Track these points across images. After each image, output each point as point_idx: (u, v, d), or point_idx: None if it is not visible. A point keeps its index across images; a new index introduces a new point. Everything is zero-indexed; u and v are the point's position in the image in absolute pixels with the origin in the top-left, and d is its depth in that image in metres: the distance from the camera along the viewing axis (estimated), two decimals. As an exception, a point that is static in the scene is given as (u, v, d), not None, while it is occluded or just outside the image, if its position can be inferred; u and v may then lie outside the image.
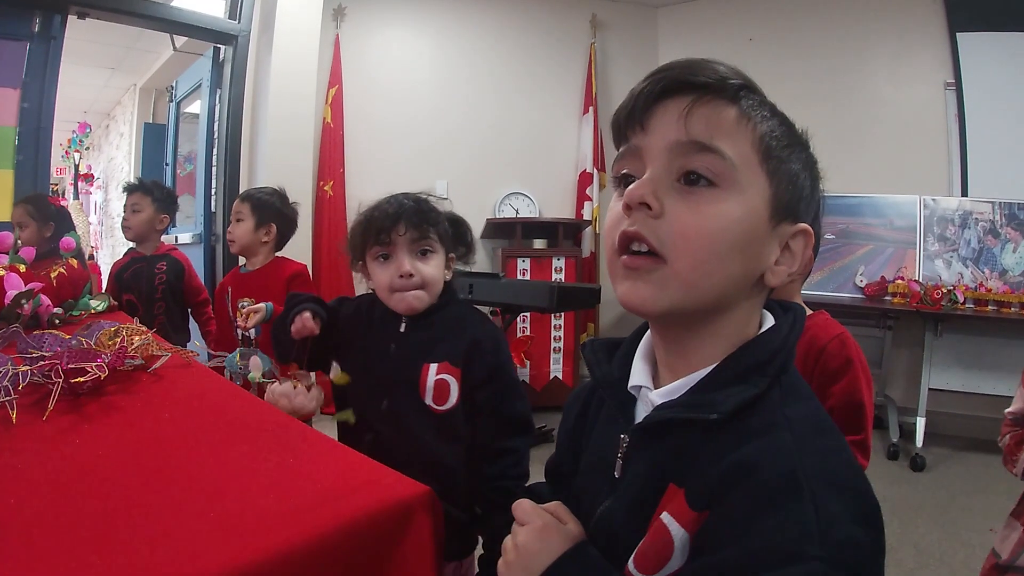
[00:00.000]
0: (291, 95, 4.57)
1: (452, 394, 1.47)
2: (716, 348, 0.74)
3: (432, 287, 1.51)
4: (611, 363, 0.87)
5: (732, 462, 0.65)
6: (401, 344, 1.52)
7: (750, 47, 5.54)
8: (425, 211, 1.52)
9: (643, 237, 0.70)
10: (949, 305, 4.34)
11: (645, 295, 0.71)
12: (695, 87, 0.72)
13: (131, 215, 3.08)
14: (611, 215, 0.76)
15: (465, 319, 1.58)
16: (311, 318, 1.49)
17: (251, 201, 2.65)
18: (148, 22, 4.39)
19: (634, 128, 0.75)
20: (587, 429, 0.92)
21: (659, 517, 0.69)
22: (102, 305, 2.62)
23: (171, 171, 6.01)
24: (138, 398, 1.35)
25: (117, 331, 1.60)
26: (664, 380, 0.79)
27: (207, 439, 1.11)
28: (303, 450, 1.06)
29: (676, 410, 0.72)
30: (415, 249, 1.50)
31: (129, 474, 0.94)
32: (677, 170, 0.71)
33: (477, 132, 5.55)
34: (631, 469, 0.78)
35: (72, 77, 6.94)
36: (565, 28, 5.81)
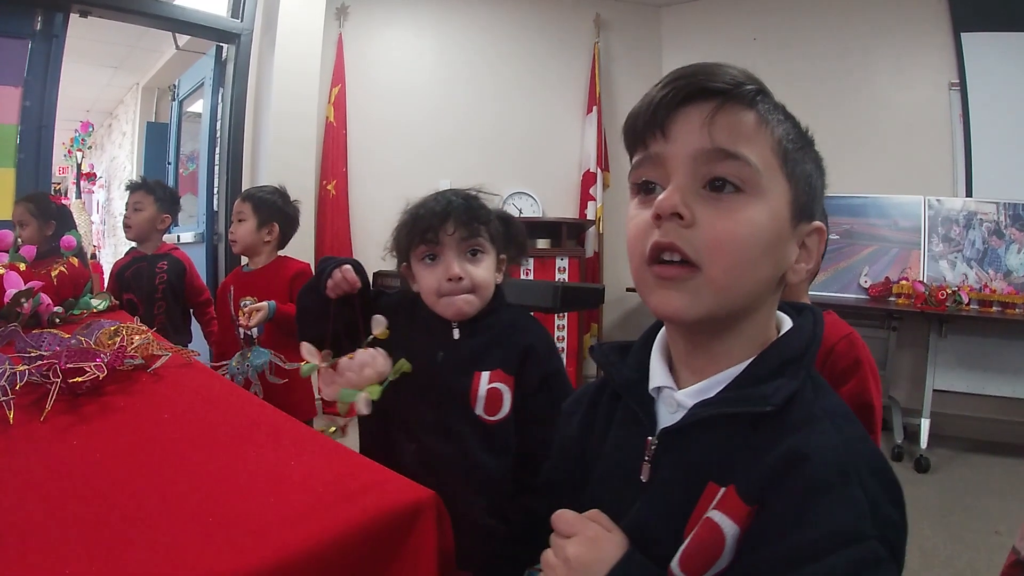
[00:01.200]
0: (294, 94, 4.55)
1: (505, 404, 1.39)
2: (742, 348, 0.76)
3: (482, 291, 1.41)
4: (626, 366, 0.86)
5: (783, 453, 0.66)
6: (451, 351, 1.41)
7: (754, 47, 5.51)
8: (475, 209, 1.41)
9: (678, 247, 0.71)
10: (954, 306, 4.31)
11: (680, 304, 0.72)
12: (713, 93, 0.72)
13: (132, 214, 3.06)
14: (636, 225, 0.75)
15: (517, 324, 1.48)
16: (352, 270, 1.42)
17: (252, 200, 2.63)
18: (150, 20, 4.37)
19: (654, 135, 0.74)
20: (596, 434, 0.90)
21: (707, 516, 0.69)
22: (103, 304, 2.61)
23: (173, 170, 6.00)
24: (137, 398, 1.33)
25: (117, 330, 1.58)
26: (686, 381, 0.79)
27: (207, 440, 1.09)
28: (304, 451, 1.03)
29: (720, 406, 0.73)
30: (464, 250, 1.40)
31: (127, 477, 0.92)
32: (702, 177, 0.72)
33: (480, 131, 5.52)
34: (661, 472, 0.77)
35: (75, 76, 6.93)
36: (569, 27, 5.78)
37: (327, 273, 1.41)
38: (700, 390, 0.76)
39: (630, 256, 0.77)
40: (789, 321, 0.80)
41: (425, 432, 1.38)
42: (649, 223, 0.73)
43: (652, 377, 0.82)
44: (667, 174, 0.73)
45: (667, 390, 0.80)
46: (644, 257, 0.74)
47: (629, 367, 0.86)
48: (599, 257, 5.67)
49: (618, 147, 5.82)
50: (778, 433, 0.68)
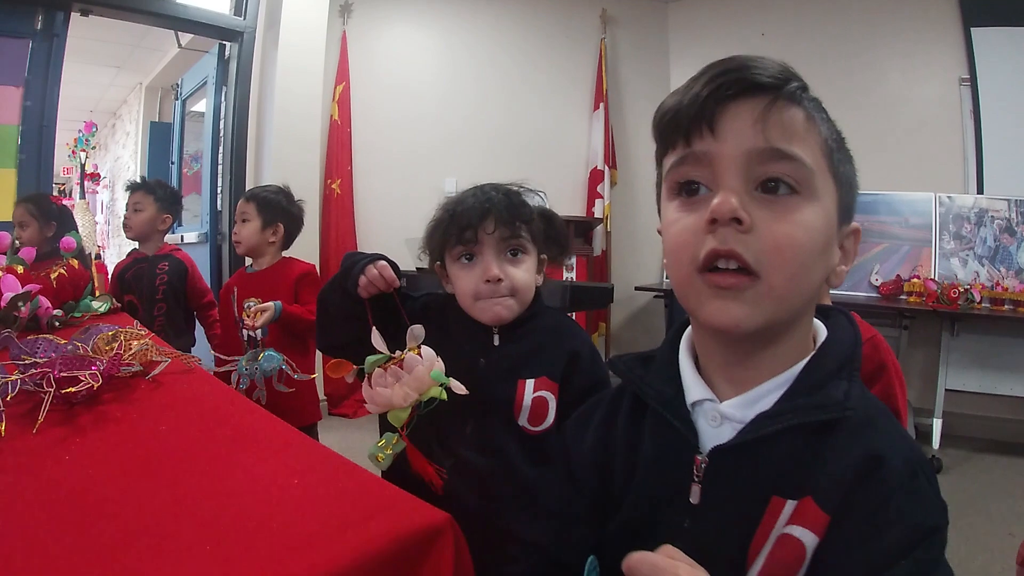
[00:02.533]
0: (297, 92, 4.52)
1: (550, 413, 1.30)
2: (786, 355, 0.73)
3: (523, 294, 1.33)
4: (657, 379, 0.81)
5: (861, 457, 0.65)
6: (492, 358, 1.33)
7: (762, 42, 5.45)
8: (516, 206, 1.33)
9: (737, 255, 0.66)
10: (966, 304, 4.26)
11: (740, 315, 0.68)
12: (762, 88, 0.68)
13: (132, 214, 3.02)
14: (682, 230, 0.71)
15: (561, 328, 1.40)
16: (388, 267, 1.32)
17: (256, 201, 2.59)
18: (152, 19, 4.33)
19: (700, 132, 0.69)
20: (620, 455, 0.83)
21: (784, 532, 0.66)
22: (104, 306, 2.57)
23: (177, 170, 5.96)
24: (135, 407, 1.27)
25: (115, 335, 1.53)
26: (724, 392, 0.75)
27: (205, 456, 1.03)
28: (312, 469, 0.97)
29: (790, 417, 0.69)
30: (504, 250, 1.32)
31: (120, 496, 0.86)
32: (755, 179, 0.68)
33: (486, 129, 5.46)
34: (715, 492, 0.72)
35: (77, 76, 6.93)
36: (575, 23, 5.72)
37: (358, 269, 1.32)
38: (747, 402, 0.72)
39: (674, 264, 0.72)
40: (820, 324, 0.78)
41: (465, 446, 1.29)
42: (699, 228, 0.68)
43: (689, 390, 0.77)
44: (715, 174, 0.69)
45: (708, 403, 0.75)
46: (696, 265, 0.69)
47: (661, 380, 0.80)
48: (607, 255, 5.61)
49: (626, 144, 5.89)
50: (847, 437, 0.67)
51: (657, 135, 0.76)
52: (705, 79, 0.69)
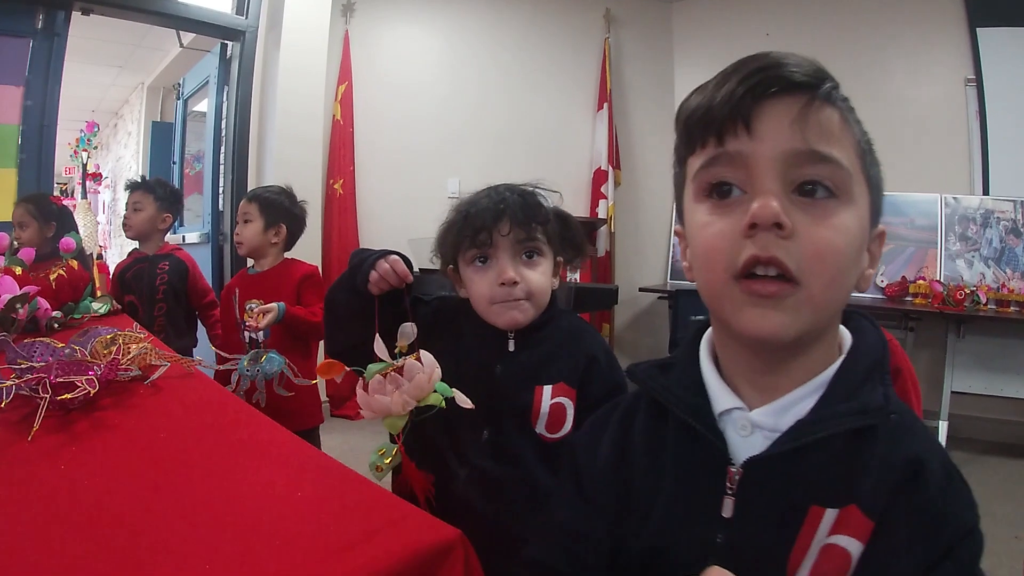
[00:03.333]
0: (300, 92, 4.50)
1: (568, 419, 1.25)
2: (817, 361, 0.71)
3: (539, 297, 1.29)
4: (681, 388, 0.77)
5: (904, 460, 0.65)
6: (509, 364, 1.29)
7: (766, 43, 5.40)
8: (532, 207, 1.28)
9: (779, 261, 0.63)
10: (972, 306, 4.24)
11: (779, 324, 0.65)
12: (798, 87, 0.65)
13: (132, 213, 2.99)
14: (716, 234, 0.67)
15: (577, 332, 1.36)
16: (401, 261, 1.27)
17: (259, 201, 2.55)
18: (153, 18, 4.32)
19: (735, 131, 0.66)
20: (640, 468, 0.80)
21: (829, 542, 0.64)
22: (104, 308, 2.54)
23: (179, 170, 5.94)
24: (133, 413, 1.24)
25: (114, 338, 1.50)
26: (752, 400, 0.72)
27: (205, 466, 0.99)
28: (315, 481, 0.94)
29: (833, 424, 0.66)
30: (519, 252, 1.27)
31: (117, 508, 0.83)
32: (792, 181, 0.65)
33: (489, 129, 5.43)
34: (750, 505, 0.69)
35: (79, 76, 6.92)
36: (578, 23, 5.69)
37: (369, 264, 1.28)
38: (778, 410, 0.70)
39: (707, 270, 0.69)
40: (843, 328, 0.76)
41: (481, 454, 1.25)
42: (735, 233, 0.65)
43: (716, 399, 0.74)
44: (750, 176, 0.66)
45: (737, 412, 0.72)
46: (732, 271, 0.66)
47: (685, 389, 0.77)
48: (611, 256, 5.57)
49: (629, 144, 5.86)
50: (888, 441, 0.66)
51: (683, 133, 0.72)
52: (740, 76, 0.66)
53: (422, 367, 1.07)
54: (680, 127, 0.72)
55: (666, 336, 5.04)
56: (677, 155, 0.76)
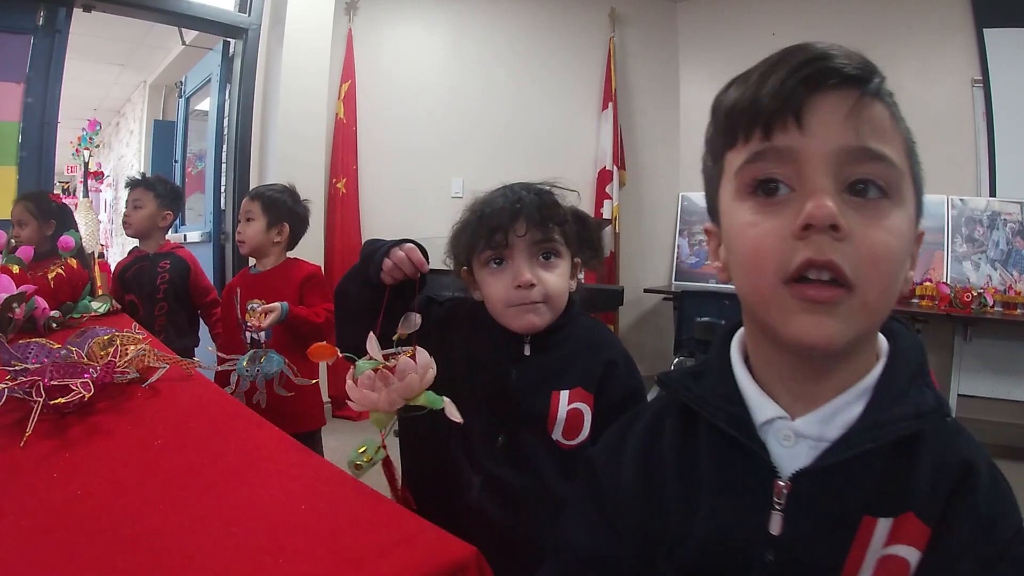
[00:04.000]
0: (302, 90, 4.46)
1: (585, 425, 1.21)
2: (859, 367, 0.67)
3: (556, 300, 1.24)
4: (719, 397, 0.73)
5: (956, 463, 0.63)
6: (525, 369, 1.24)
7: (773, 42, 5.34)
8: (549, 206, 1.23)
9: (836, 265, 0.59)
10: (979, 308, 4.20)
11: (833, 332, 0.60)
12: (849, 80, 0.61)
13: (132, 211, 2.96)
14: (764, 235, 0.63)
15: (596, 336, 1.32)
16: (417, 250, 1.21)
17: (262, 200, 2.51)
18: (155, 15, 4.29)
19: (784, 126, 0.61)
20: (670, 484, 0.74)
21: (888, 553, 0.62)
22: (103, 307, 2.50)
23: (180, 168, 5.91)
24: (129, 418, 1.19)
25: (111, 339, 1.45)
26: (792, 408, 0.67)
27: (204, 476, 0.94)
28: (321, 493, 0.89)
29: (891, 429, 0.63)
30: (536, 253, 1.22)
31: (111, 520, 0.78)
32: (844, 180, 0.60)
33: (493, 128, 5.39)
34: (801, 520, 0.64)
35: (81, 74, 6.91)
36: (583, 22, 5.66)
37: (382, 253, 1.22)
38: (823, 418, 0.66)
39: (753, 273, 0.64)
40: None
41: (495, 461, 1.21)
42: (785, 234, 0.61)
43: (757, 408, 0.69)
44: (800, 173, 0.61)
45: (780, 421, 0.68)
46: (783, 275, 0.61)
47: (723, 399, 0.72)
48: (615, 257, 5.54)
49: (634, 144, 5.83)
50: (939, 445, 0.65)
51: (723, 126, 0.68)
52: (789, 66, 0.61)
53: (415, 367, 1.02)
54: (719, 119, 0.68)
55: (671, 337, 5.01)
56: (711, 149, 0.72)
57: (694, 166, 4.78)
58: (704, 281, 5.46)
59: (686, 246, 5.69)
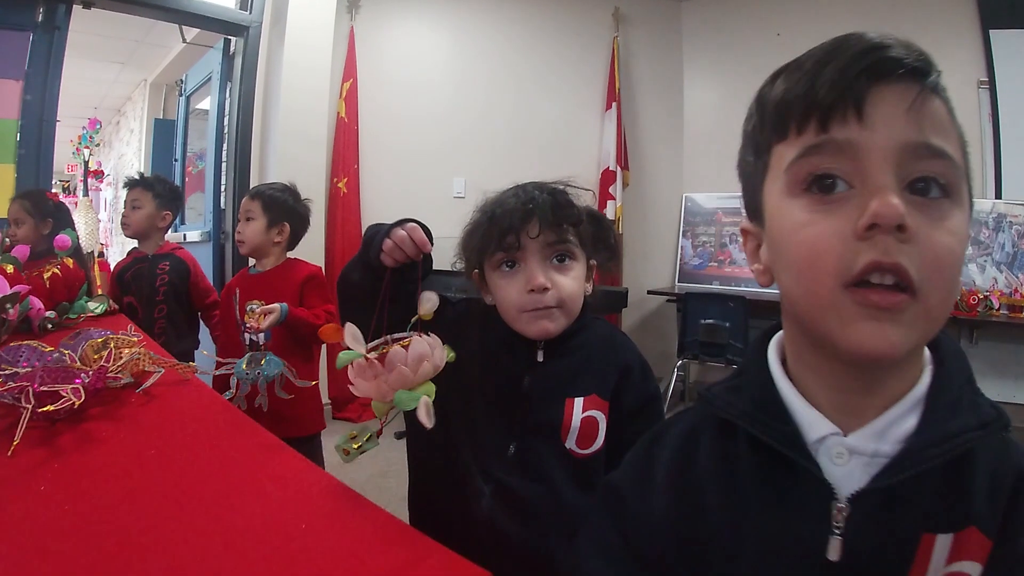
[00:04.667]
0: (304, 89, 4.43)
1: (600, 434, 1.17)
2: (908, 377, 0.63)
3: (571, 304, 1.18)
4: (767, 414, 0.67)
5: (1013, 472, 0.60)
6: (538, 376, 1.20)
7: (778, 43, 5.35)
8: (563, 207, 1.18)
9: (903, 269, 0.55)
10: (984, 311, 4.17)
11: (897, 340, 0.56)
12: (910, 72, 0.57)
13: (131, 211, 2.91)
14: (823, 234, 0.58)
15: (611, 341, 1.27)
16: (420, 229, 1.16)
17: (262, 199, 2.46)
18: (155, 12, 4.25)
19: (843, 118, 0.57)
20: (718, 512, 0.68)
21: (951, 570, 0.58)
22: (100, 307, 2.47)
23: (180, 167, 5.87)
24: (123, 425, 1.15)
25: (105, 342, 1.41)
26: (842, 423, 0.62)
27: (199, 489, 0.90)
28: (322, 510, 0.84)
29: (959, 442, 0.59)
30: (549, 255, 1.17)
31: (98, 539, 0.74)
32: (905, 177, 0.56)
33: (496, 128, 5.35)
34: (859, 543, 0.60)
35: (82, 72, 6.89)
36: (587, 21, 5.61)
37: (383, 234, 1.17)
38: (877, 432, 0.61)
39: (809, 276, 0.59)
40: None
41: (506, 470, 1.16)
42: (846, 234, 0.56)
43: (808, 425, 0.64)
44: (861, 169, 0.57)
45: (833, 438, 0.62)
46: (844, 279, 0.56)
47: (770, 415, 0.66)
48: (619, 259, 5.47)
49: (638, 145, 5.79)
50: (994, 455, 0.60)
51: (772, 118, 0.63)
52: (848, 56, 0.57)
53: (405, 357, 0.97)
54: (767, 111, 0.63)
55: (675, 339, 4.97)
56: (754, 143, 0.67)
57: (698, 166, 4.75)
58: (708, 283, 5.42)
59: (690, 247, 5.65)
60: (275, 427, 2.01)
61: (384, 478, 3.35)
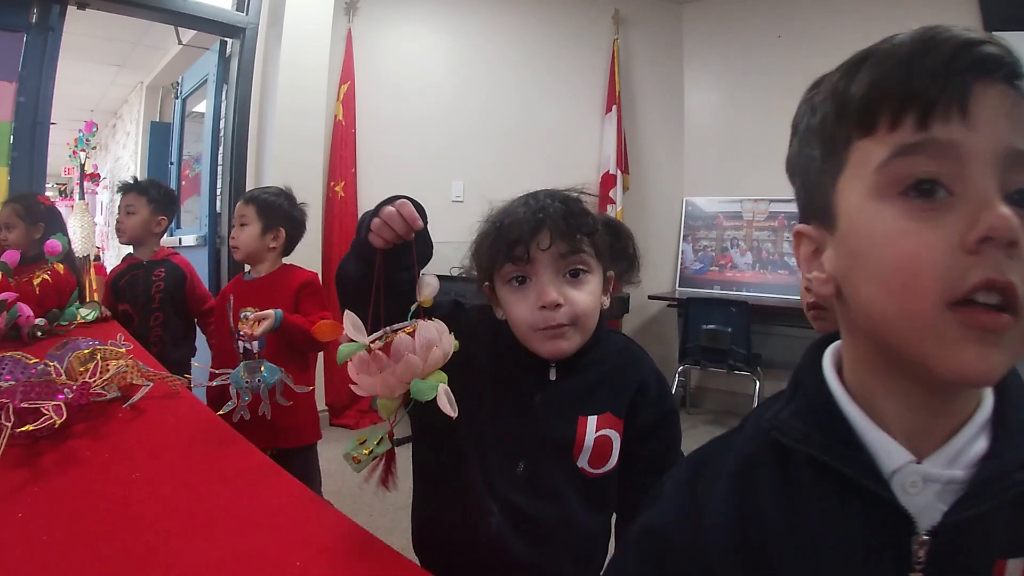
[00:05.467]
0: (301, 91, 4.37)
1: (613, 453, 1.12)
2: (973, 396, 0.58)
3: (586, 321, 1.10)
4: (840, 443, 0.60)
5: None
6: (550, 393, 1.13)
7: (779, 45, 5.31)
8: (577, 216, 1.10)
9: (1014, 288, 0.49)
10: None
11: (997, 364, 0.51)
12: (1012, 74, 0.52)
13: (125, 217, 2.84)
14: (923, 245, 0.52)
15: (626, 356, 1.20)
16: (411, 205, 1.06)
17: (256, 203, 2.40)
18: (151, 13, 4.19)
19: (947, 114, 0.51)
20: (790, 555, 0.60)
21: None
22: (92, 314, 2.42)
23: (176, 171, 5.82)
24: (108, 443, 1.09)
25: (92, 353, 1.36)
26: (912, 448, 0.56)
27: (187, 520, 0.84)
28: (320, 545, 0.79)
29: None
30: (562, 269, 1.09)
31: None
32: (1005, 187, 0.50)
33: (495, 131, 5.30)
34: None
35: (78, 74, 6.86)
36: (587, 24, 5.57)
37: (371, 214, 1.08)
38: (950, 457, 0.56)
39: (903, 292, 0.53)
40: None
41: (515, 489, 1.11)
42: (951, 247, 0.50)
43: (883, 453, 0.57)
44: (962, 175, 0.51)
45: (909, 466, 0.56)
46: (949, 297, 0.50)
47: (845, 443, 0.59)
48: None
49: (638, 148, 5.75)
50: None
51: (857, 110, 0.56)
52: (949, 48, 0.52)
53: (413, 346, 0.90)
54: (849, 102, 0.56)
55: (675, 345, 4.93)
56: (823, 136, 0.60)
57: (698, 170, 4.70)
58: (709, 287, 5.37)
59: (690, 252, 5.60)
60: (272, 438, 1.99)
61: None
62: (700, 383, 5.53)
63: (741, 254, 5.33)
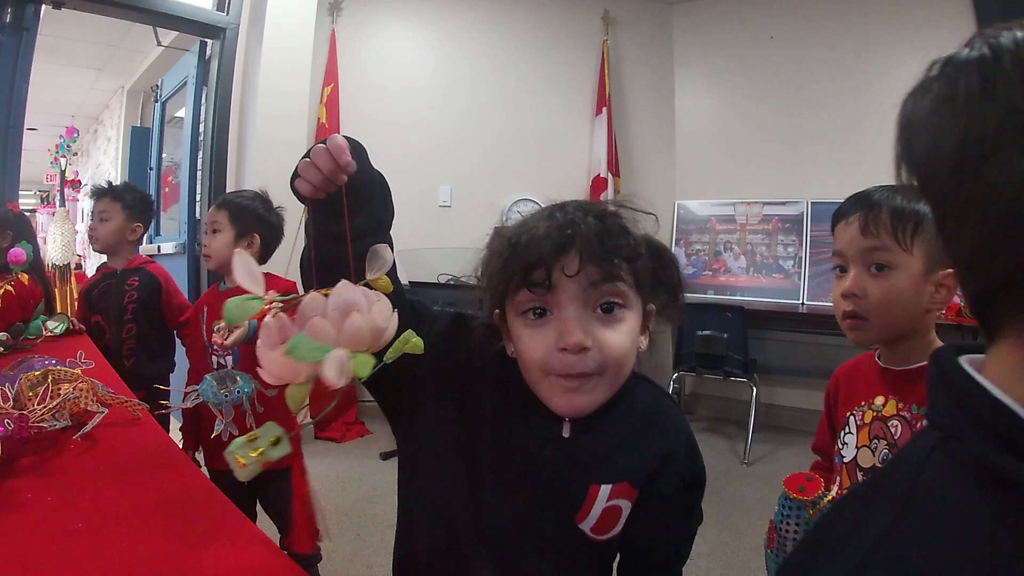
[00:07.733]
0: (283, 93, 4.26)
1: (621, 522, 0.94)
2: None
3: (617, 369, 0.89)
4: None
5: None
6: (561, 453, 0.94)
7: (771, 45, 5.24)
8: (613, 234, 0.87)
9: None
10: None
11: None
12: None
13: (98, 224, 2.69)
14: None
15: (656, 416, 0.98)
16: (341, 140, 0.87)
17: (229, 208, 2.26)
18: (127, 12, 4.06)
19: None
20: None
21: None
22: (60, 327, 2.29)
23: (155, 176, 5.70)
24: (54, 483, 0.97)
25: (44, 375, 1.23)
26: None
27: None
28: None
29: None
30: (594, 301, 0.87)
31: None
32: None
33: (483, 134, 5.21)
34: None
35: (58, 79, 6.77)
36: (576, 24, 5.48)
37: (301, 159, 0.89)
38: None
39: None
40: None
41: (510, 546, 0.94)
42: None
43: None
44: None
45: None
46: None
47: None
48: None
49: (629, 151, 5.63)
50: None
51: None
52: None
53: (324, 304, 0.71)
54: None
55: (669, 352, 4.82)
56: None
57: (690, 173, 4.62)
58: (703, 292, 5.27)
59: (683, 256, 5.50)
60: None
61: (370, 503, 3.17)
62: (694, 389, 5.43)
63: (735, 258, 5.23)
